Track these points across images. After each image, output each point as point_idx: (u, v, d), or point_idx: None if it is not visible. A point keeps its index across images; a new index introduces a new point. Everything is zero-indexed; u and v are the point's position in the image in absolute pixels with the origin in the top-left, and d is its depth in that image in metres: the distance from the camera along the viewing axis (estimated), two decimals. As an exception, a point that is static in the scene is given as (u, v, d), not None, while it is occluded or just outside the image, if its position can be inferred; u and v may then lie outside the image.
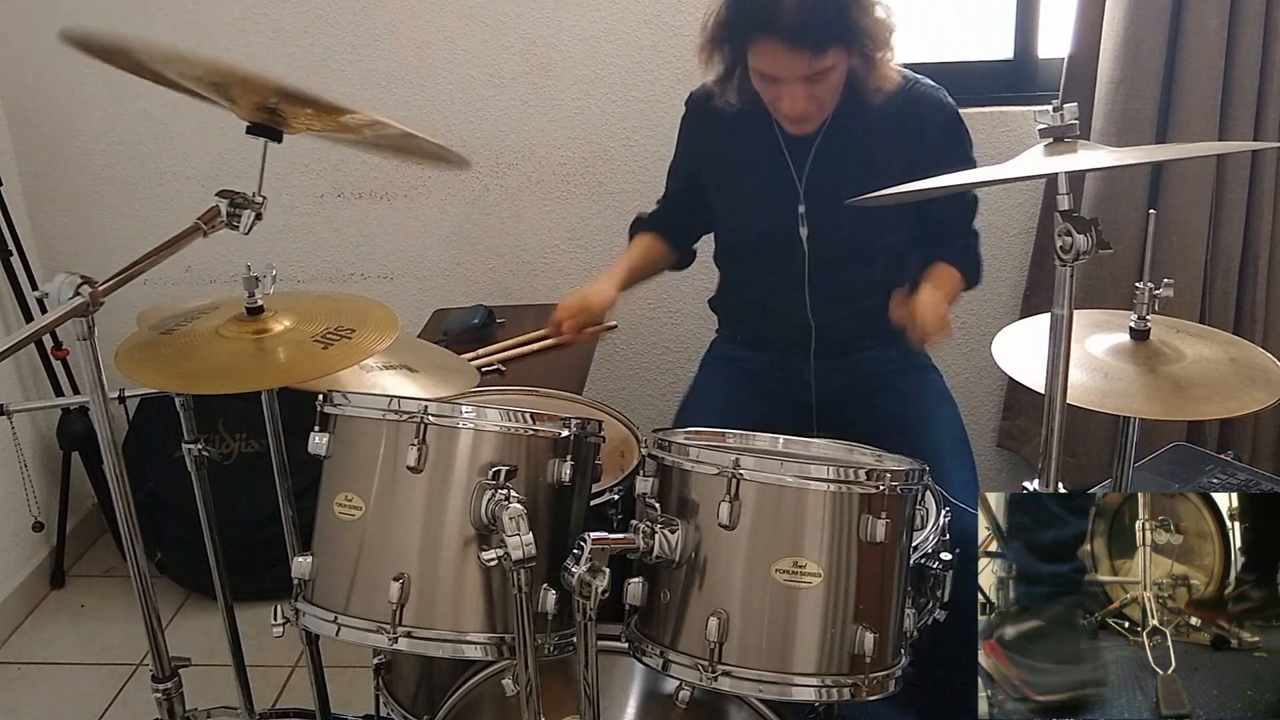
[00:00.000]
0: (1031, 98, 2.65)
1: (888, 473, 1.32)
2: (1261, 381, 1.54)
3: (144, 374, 1.45)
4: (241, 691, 2.02)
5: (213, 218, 1.41)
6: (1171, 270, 2.43)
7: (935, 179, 1.46)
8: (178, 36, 2.69)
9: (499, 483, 1.31)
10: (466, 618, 1.35)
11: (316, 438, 1.40)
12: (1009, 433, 2.85)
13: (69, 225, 2.91)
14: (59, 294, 1.33)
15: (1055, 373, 1.36)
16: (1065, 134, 1.34)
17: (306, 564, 1.41)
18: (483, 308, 2.58)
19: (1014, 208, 2.69)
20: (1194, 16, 2.35)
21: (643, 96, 2.68)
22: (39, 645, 2.70)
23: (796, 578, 1.28)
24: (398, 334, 1.52)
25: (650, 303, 2.79)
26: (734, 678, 1.29)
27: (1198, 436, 2.59)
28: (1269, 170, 2.46)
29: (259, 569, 2.58)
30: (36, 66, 2.77)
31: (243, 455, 2.74)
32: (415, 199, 2.83)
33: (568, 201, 2.78)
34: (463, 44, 2.68)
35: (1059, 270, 1.31)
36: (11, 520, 2.75)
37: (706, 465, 1.31)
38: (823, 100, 1.85)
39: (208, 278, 2.85)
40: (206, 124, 2.73)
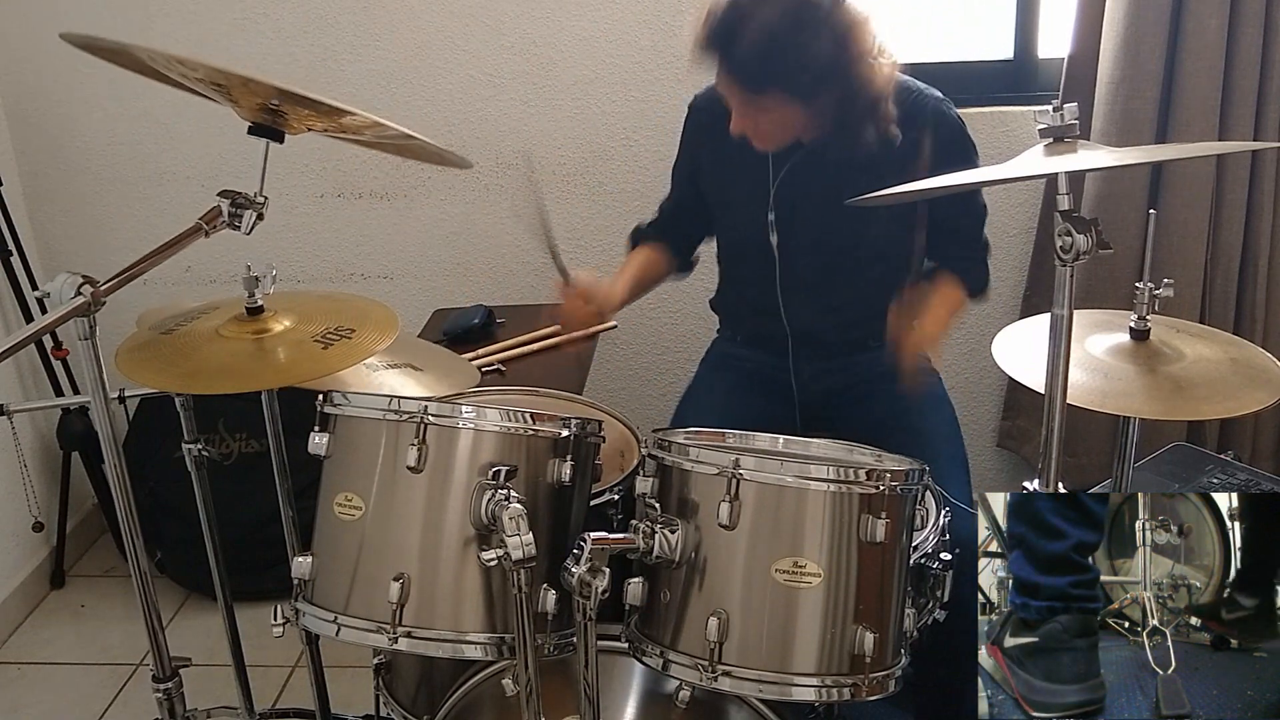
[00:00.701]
0: (1031, 98, 2.65)
1: (888, 473, 1.32)
2: (1261, 381, 1.54)
3: (144, 374, 1.45)
4: (241, 691, 2.02)
5: (214, 218, 1.41)
6: (1171, 270, 2.43)
7: (934, 179, 1.46)
8: (178, 36, 2.69)
9: (499, 483, 1.31)
10: (466, 618, 1.35)
11: (316, 438, 1.41)
12: (1009, 433, 2.85)
13: (69, 225, 2.91)
14: (60, 294, 1.33)
15: (1055, 373, 1.36)
16: (1065, 134, 1.34)
17: (306, 564, 1.41)
18: (483, 308, 2.58)
19: (1014, 208, 2.70)
20: (1194, 16, 2.35)
21: (643, 96, 2.68)
22: (39, 645, 2.70)
23: (796, 578, 1.28)
24: (398, 334, 1.52)
25: (650, 303, 2.78)
26: (734, 678, 1.29)
27: (1198, 436, 2.59)
28: (1269, 170, 2.46)
29: (259, 569, 2.57)
30: (36, 66, 2.77)
31: (243, 455, 2.73)
32: (415, 199, 2.83)
33: (568, 201, 2.78)
34: (463, 44, 2.68)
35: (1059, 270, 1.31)
36: (11, 520, 2.75)
37: (706, 465, 1.31)
38: (769, 130, 1.85)
39: (208, 278, 2.85)
40: (207, 124, 2.73)
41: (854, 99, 1.80)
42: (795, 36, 1.72)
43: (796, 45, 1.72)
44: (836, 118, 1.83)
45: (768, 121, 1.84)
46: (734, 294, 2.18)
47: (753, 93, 1.80)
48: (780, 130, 1.87)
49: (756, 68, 1.76)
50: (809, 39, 1.72)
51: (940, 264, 2.02)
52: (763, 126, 1.85)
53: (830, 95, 1.79)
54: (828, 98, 1.80)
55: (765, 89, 1.78)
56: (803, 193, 1.95)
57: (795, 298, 2.03)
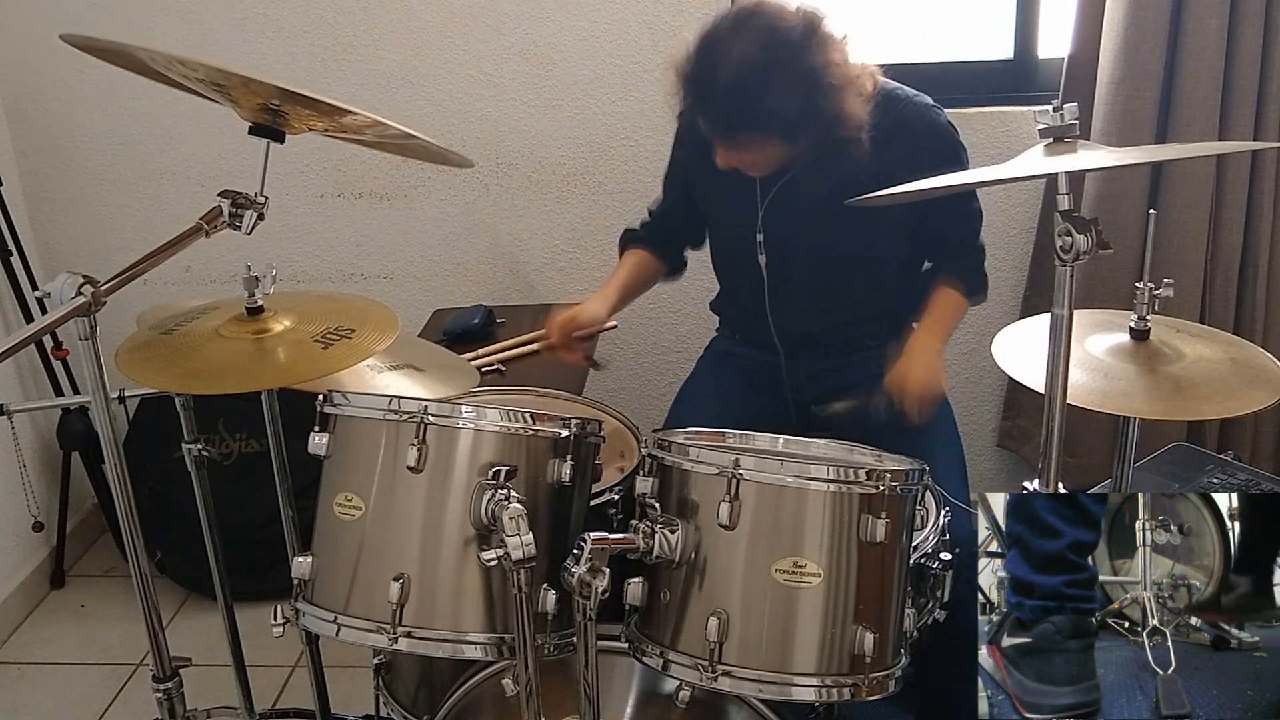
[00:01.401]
0: (1031, 98, 2.65)
1: (888, 473, 1.32)
2: (1261, 381, 1.54)
3: (144, 374, 1.45)
4: (241, 691, 2.02)
5: (215, 218, 1.41)
6: (1171, 270, 2.43)
7: (933, 180, 1.46)
8: (178, 36, 2.69)
9: (499, 483, 1.31)
10: (466, 618, 1.35)
11: (316, 438, 1.41)
12: (1009, 433, 2.85)
13: (69, 225, 2.91)
14: (60, 294, 1.33)
15: (1055, 373, 1.36)
16: (1065, 134, 1.35)
17: (306, 564, 1.41)
18: (483, 308, 2.58)
19: (1014, 208, 2.69)
20: (1194, 16, 2.35)
21: (643, 96, 2.68)
22: (39, 645, 2.70)
23: (796, 578, 1.28)
24: (398, 334, 1.52)
25: (650, 303, 2.79)
26: (734, 678, 1.29)
27: (1198, 436, 2.59)
28: (1269, 170, 2.46)
29: (259, 569, 2.57)
30: (36, 66, 2.77)
31: (243, 455, 2.74)
32: (415, 199, 2.83)
33: (568, 201, 2.78)
34: (463, 44, 2.68)
35: (1059, 270, 1.31)
36: (11, 520, 2.75)
37: (706, 465, 1.31)
38: (755, 163, 1.85)
39: (208, 278, 2.85)
40: (207, 124, 2.73)
41: (834, 125, 1.78)
42: (765, 85, 1.70)
43: (767, 93, 1.70)
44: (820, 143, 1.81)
45: (752, 156, 1.84)
46: (729, 299, 2.19)
47: (729, 141, 1.80)
48: (765, 161, 1.86)
49: (729, 118, 1.75)
50: (778, 87, 1.70)
51: (936, 270, 2.02)
52: (747, 160, 1.85)
53: (811, 129, 1.78)
54: (808, 134, 1.78)
55: (743, 133, 1.78)
56: (790, 215, 1.95)
57: (785, 311, 2.04)
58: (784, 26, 1.71)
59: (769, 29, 1.71)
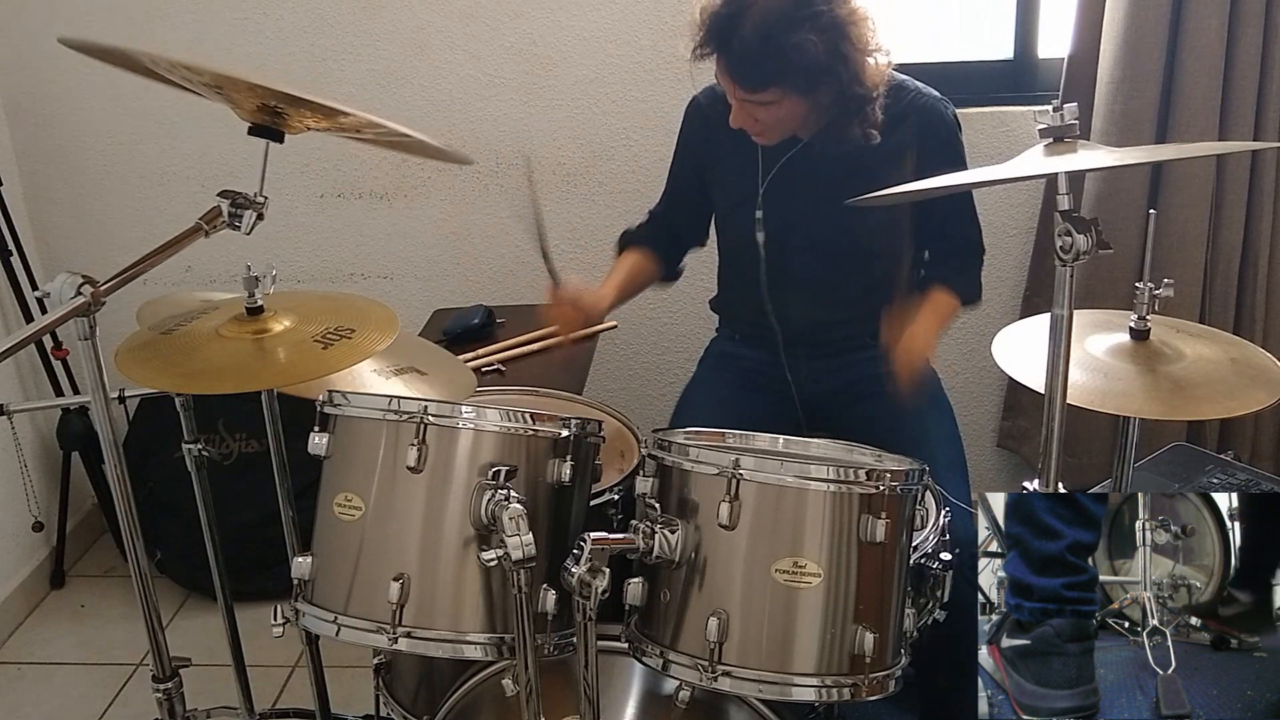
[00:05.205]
0: (1031, 98, 2.65)
1: (887, 473, 1.32)
2: (1261, 381, 1.54)
3: (144, 374, 1.45)
4: (241, 691, 2.02)
5: (214, 218, 1.41)
6: (1171, 270, 2.43)
7: (932, 180, 1.46)
8: (178, 36, 2.69)
9: (499, 483, 1.31)
10: (466, 618, 1.35)
11: (316, 438, 1.40)
12: (1009, 433, 2.85)
13: (69, 225, 2.91)
14: (60, 294, 1.33)
15: (1055, 373, 1.36)
16: (1065, 134, 1.35)
17: (306, 564, 1.41)
18: (483, 308, 2.58)
19: (1014, 208, 2.69)
20: (1194, 16, 2.35)
21: (643, 96, 2.68)
22: (39, 645, 2.70)
23: (796, 578, 1.28)
24: (397, 334, 1.52)
25: (650, 303, 2.79)
26: (734, 678, 1.29)
27: (1198, 436, 2.59)
28: (1269, 170, 2.46)
29: (259, 569, 2.58)
30: (36, 66, 2.77)
31: (243, 455, 2.73)
32: (415, 199, 2.83)
33: (568, 201, 2.78)
34: (463, 44, 2.68)
35: (1059, 270, 1.31)
36: (11, 520, 2.75)
37: (706, 465, 1.31)
38: (768, 124, 1.86)
39: (208, 278, 2.84)
40: (206, 124, 2.73)
41: (848, 95, 1.80)
42: (792, 31, 1.73)
43: (794, 39, 1.73)
44: (833, 107, 1.83)
45: (766, 115, 1.85)
46: (729, 294, 2.19)
47: (751, 88, 1.80)
48: (778, 125, 1.87)
49: (754, 63, 1.76)
50: (806, 33, 1.73)
51: (932, 271, 2.03)
52: (761, 121, 1.86)
53: (827, 90, 1.80)
54: (825, 92, 1.80)
55: (763, 84, 1.79)
56: (791, 191, 1.96)
57: (782, 296, 2.04)
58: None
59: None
